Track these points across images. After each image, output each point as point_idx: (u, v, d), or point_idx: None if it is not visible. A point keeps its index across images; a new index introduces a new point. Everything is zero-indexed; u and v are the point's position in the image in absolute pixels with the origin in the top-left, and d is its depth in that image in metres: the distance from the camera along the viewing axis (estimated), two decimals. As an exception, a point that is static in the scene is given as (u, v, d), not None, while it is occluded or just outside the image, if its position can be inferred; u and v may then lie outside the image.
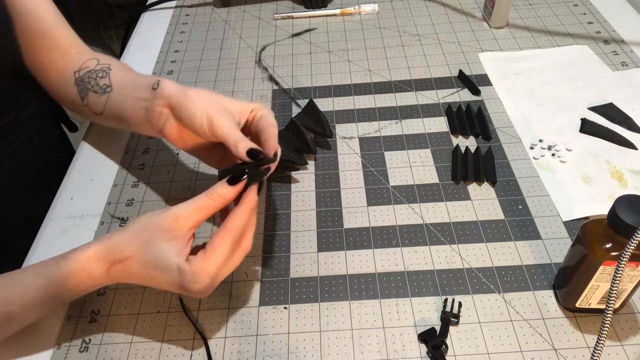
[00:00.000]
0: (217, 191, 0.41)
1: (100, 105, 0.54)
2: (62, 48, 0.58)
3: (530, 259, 0.49)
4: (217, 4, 0.88)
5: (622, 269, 0.34)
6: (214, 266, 0.39)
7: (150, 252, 0.39)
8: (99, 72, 0.55)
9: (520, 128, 0.61)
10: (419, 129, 0.62)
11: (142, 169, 0.61)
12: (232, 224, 0.40)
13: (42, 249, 0.53)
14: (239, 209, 0.41)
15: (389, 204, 0.54)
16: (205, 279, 0.39)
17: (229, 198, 0.41)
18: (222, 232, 0.40)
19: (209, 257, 0.39)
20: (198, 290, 0.39)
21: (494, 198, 0.54)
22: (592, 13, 0.78)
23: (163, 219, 0.39)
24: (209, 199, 0.40)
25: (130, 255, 0.40)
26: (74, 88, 0.56)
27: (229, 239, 0.40)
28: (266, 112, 0.47)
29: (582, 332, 0.43)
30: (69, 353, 0.45)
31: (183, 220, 0.39)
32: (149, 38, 0.82)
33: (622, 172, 0.55)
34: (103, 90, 0.53)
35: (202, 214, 0.40)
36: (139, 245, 0.40)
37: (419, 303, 0.46)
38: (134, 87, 0.51)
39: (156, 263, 0.39)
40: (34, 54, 0.58)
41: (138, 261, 0.39)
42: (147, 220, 0.40)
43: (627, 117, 0.60)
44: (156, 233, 0.39)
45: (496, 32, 0.76)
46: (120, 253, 0.40)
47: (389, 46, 0.76)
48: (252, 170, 0.42)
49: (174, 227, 0.39)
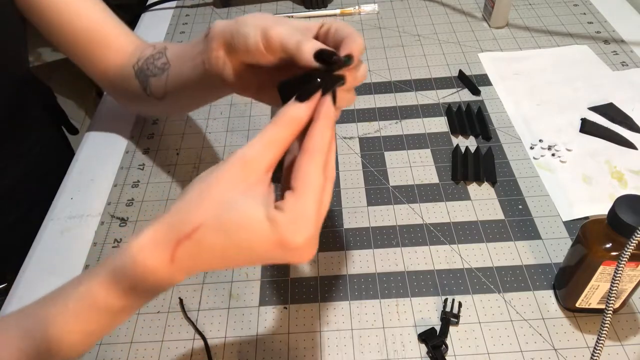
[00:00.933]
0: (288, 114, 0.31)
1: (161, 86, 0.50)
2: (117, 46, 0.56)
3: (530, 259, 0.49)
4: (217, 4, 0.88)
5: (622, 269, 0.34)
6: (313, 203, 0.30)
7: (225, 210, 0.29)
8: (156, 55, 0.52)
9: (520, 128, 0.61)
10: (419, 129, 0.62)
11: (142, 169, 0.61)
12: (315, 143, 0.31)
13: (42, 249, 0.53)
14: (317, 124, 0.32)
15: (389, 204, 0.54)
16: (309, 224, 0.30)
17: (304, 120, 0.32)
18: (306, 157, 0.31)
19: (304, 193, 0.30)
20: (303, 243, 0.30)
21: (494, 198, 0.54)
22: (592, 13, 0.78)
23: (229, 167, 0.31)
24: (278, 127, 0.31)
25: (200, 224, 0.29)
26: (135, 82, 0.53)
27: (318, 163, 0.31)
28: (342, 24, 0.38)
29: (582, 332, 0.43)
30: (69, 353, 0.45)
31: (255, 162, 0.31)
32: (149, 38, 0.82)
33: (622, 172, 0.55)
34: (162, 69, 0.50)
35: (276, 149, 0.31)
36: (208, 207, 0.30)
37: (419, 303, 0.46)
38: (189, 50, 0.46)
39: (238, 222, 0.29)
40: (89, 56, 0.56)
41: (213, 227, 0.29)
42: (207, 176, 0.31)
43: (627, 117, 0.60)
44: (225, 187, 0.30)
45: (496, 32, 0.76)
46: (185, 225, 0.29)
47: (389, 46, 0.76)
48: (325, 76, 0.33)
49: (246, 173, 0.30)
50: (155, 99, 0.53)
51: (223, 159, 0.32)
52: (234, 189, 0.30)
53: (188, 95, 0.50)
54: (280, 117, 0.32)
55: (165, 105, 0.53)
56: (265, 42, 0.36)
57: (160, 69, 0.50)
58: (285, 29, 0.36)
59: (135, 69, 0.54)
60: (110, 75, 0.57)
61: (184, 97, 0.51)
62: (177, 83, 0.49)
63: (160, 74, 0.50)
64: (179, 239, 0.29)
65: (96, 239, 0.54)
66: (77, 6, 0.54)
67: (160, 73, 0.50)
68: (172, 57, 0.50)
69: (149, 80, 0.52)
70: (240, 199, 0.30)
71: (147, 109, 0.59)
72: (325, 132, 0.32)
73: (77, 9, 0.54)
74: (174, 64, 0.49)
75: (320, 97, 0.33)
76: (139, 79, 0.53)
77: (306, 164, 0.31)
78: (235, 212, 0.29)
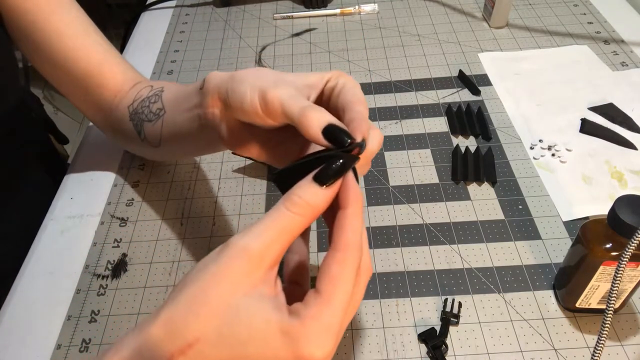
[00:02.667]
0: (304, 199, 0.26)
1: (156, 134, 0.47)
2: (113, 85, 0.52)
3: (530, 259, 0.49)
4: (217, 4, 0.88)
5: (622, 269, 0.34)
6: (340, 312, 0.25)
7: (228, 320, 0.25)
8: (152, 97, 0.48)
9: (520, 128, 0.61)
10: (419, 129, 0.62)
11: (142, 169, 0.61)
12: (348, 239, 0.26)
13: (42, 249, 0.53)
14: (348, 214, 0.27)
15: (389, 204, 0.54)
16: (332, 337, 0.25)
17: (322, 205, 0.27)
18: (339, 255, 0.26)
19: (332, 301, 0.25)
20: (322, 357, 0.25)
21: (494, 198, 0.54)
22: (592, 13, 0.78)
23: (230, 263, 0.25)
24: (292, 214, 0.26)
25: (196, 338, 0.24)
26: (129, 124, 0.50)
27: (352, 263, 0.26)
28: (349, 82, 0.34)
29: (582, 332, 0.43)
30: (69, 353, 0.45)
31: (261, 257, 0.25)
32: (148, 38, 0.82)
33: (622, 172, 0.55)
34: (157, 115, 0.46)
35: (286, 241, 0.26)
36: (207, 317, 0.25)
37: (419, 303, 0.46)
38: (185, 98, 0.43)
39: (246, 334, 0.24)
40: (82, 96, 0.53)
41: (213, 342, 0.24)
42: (202, 273, 0.25)
43: (627, 117, 0.60)
44: (226, 290, 0.25)
45: (496, 32, 0.76)
46: (178, 339, 0.24)
47: (389, 46, 0.76)
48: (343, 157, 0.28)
49: (249, 269, 0.25)
50: (150, 145, 0.49)
51: (220, 248, 0.26)
52: (236, 291, 0.25)
53: (183, 145, 0.46)
54: (294, 203, 0.26)
55: (162, 152, 0.50)
56: (264, 105, 0.32)
57: (155, 115, 0.47)
58: (285, 92, 0.31)
59: (130, 110, 0.50)
60: (104, 114, 0.55)
61: (179, 147, 0.47)
62: (172, 132, 0.45)
63: (155, 120, 0.47)
64: (170, 356, 0.24)
65: (96, 239, 0.54)
66: (76, 48, 0.51)
67: (155, 119, 0.47)
68: (168, 102, 0.46)
69: (143, 125, 0.49)
70: (246, 305, 0.25)
71: (142, 153, 0.56)
72: (358, 221, 0.27)
73: (76, 53, 0.51)
74: (170, 110, 0.46)
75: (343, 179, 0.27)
76: (133, 122, 0.50)
77: (339, 264, 0.26)
78: (241, 323, 0.24)
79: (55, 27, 0.50)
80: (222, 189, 0.58)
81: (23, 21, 0.49)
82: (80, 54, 0.51)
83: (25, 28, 0.50)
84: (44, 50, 0.50)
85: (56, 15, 0.50)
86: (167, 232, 0.54)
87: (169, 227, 0.54)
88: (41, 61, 0.52)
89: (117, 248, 0.53)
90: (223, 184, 0.58)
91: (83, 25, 0.52)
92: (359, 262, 0.26)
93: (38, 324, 0.47)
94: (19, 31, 0.50)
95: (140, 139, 0.50)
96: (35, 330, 0.47)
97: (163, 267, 0.51)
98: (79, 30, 0.52)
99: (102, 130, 0.58)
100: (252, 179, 0.58)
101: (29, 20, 0.49)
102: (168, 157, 0.54)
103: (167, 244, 0.53)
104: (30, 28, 0.49)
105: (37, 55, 0.52)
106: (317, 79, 0.34)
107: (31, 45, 0.51)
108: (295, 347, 0.24)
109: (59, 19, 0.50)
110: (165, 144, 0.47)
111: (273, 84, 0.32)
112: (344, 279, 0.25)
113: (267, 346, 0.24)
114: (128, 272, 0.50)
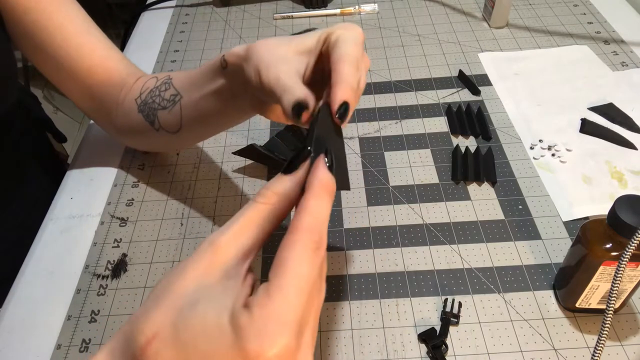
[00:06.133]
0: (269, 188, 0.27)
1: (175, 120, 0.47)
2: (119, 80, 0.52)
3: (530, 259, 0.49)
4: (217, 4, 0.88)
5: (622, 270, 0.34)
6: (293, 299, 0.22)
7: (183, 314, 0.23)
8: (161, 86, 0.48)
9: (520, 128, 0.61)
10: (419, 129, 0.62)
11: (142, 169, 0.61)
12: (302, 220, 0.25)
13: (42, 249, 0.53)
14: (306, 196, 0.26)
15: (389, 204, 0.54)
16: (284, 330, 0.22)
17: (287, 192, 0.27)
18: (289, 237, 0.24)
19: (280, 287, 0.23)
20: (275, 355, 0.21)
21: (494, 198, 0.54)
22: (592, 13, 0.78)
23: (197, 258, 0.25)
24: (257, 204, 0.26)
25: (154, 334, 0.23)
26: (138, 117, 0.50)
27: (304, 246, 0.24)
28: (342, 35, 0.33)
29: (582, 332, 0.43)
30: (68, 353, 0.45)
31: (226, 249, 0.25)
32: (148, 38, 0.82)
33: (622, 172, 0.55)
34: (172, 101, 0.46)
35: (254, 232, 0.26)
36: (166, 311, 0.23)
37: (419, 303, 0.46)
38: (203, 80, 0.44)
39: (196, 328, 0.23)
40: (89, 91, 0.53)
41: (168, 338, 0.23)
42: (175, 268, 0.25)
43: (627, 117, 0.60)
44: (189, 283, 0.24)
45: (496, 32, 0.76)
46: (138, 337, 0.23)
47: (389, 46, 0.76)
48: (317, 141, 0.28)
49: (213, 261, 0.25)
50: (169, 132, 0.49)
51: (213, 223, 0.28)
52: (198, 284, 0.24)
53: (208, 123, 0.47)
54: (260, 194, 0.27)
55: (180, 137, 0.50)
56: (258, 84, 0.34)
57: (170, 101, 0.47)
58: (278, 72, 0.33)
59: (138, 102, 0.50)
60: (108, 110, 0.54)
61: (202, 126, 0.47)
62: (194, 114, 0.46)
63: (171, 106, 0.47)
64: (134, 355, 0.23)
65: (96, 239, 0.54)
66: (80, 45, 0.51)
67: (170, 105, 0.47)
68: (182, 86, 0.47)
69: (157, 113, 0.49)
70: (206, 298, 0.23)
71: (156, 144, 0.56)
72: (318, 206, 0.26)
73: (80, 50, 0.51)
74: (187, 94, 0.46)
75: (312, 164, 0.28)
76: (143, 113, 0.50)
77: (289, 246, 0.24)
78: (196, 316, 0.23)
79: (58, 24, 0.50)
80: (222, 189, 0.58)
81: (25, 20, 0.49)
82: (84, 50, 0.51)
83: (27, 27, 0.49)
84: (46, 48, 0.50)
85: (58, 13, 0.50)
86: (167, 232, 0.54)
87: (169, 227, 0.54)
88: (43, 60, 0.52)
89: (117, 248, 0.53)
90: (223, 184, 0.58)
91: (85, 23, 0.52)
92: (316, 245, 0.24)
93: (38, 324, 0.47)
94: (20, 30, 0.50)
95: (154, 129, 0.50)
96: (35, 330, 0.47)
97: (163, 267, 0.51)
98: (82, 28, 0.52)
99: (105, 127, 0.58)
100: (252, 179, 0.58)
101: (30, 18, 0.49)
102: (186, 142, 0.54)
103: (167, 244, 0.53)
104: (32, 26, 0.49)
105: (39, 54, 0.51)
106: (313, 42, 0.36)
107: (33, 44, 0.50)
108: (241, 343, 0.21)
109: (62, 16, 0.50)
110: (186, 127, 0.48)
111: (267, 62, 0.34)
112: (296, 262, 0.23)
113: (216, 341, 0.22)
114: (128, 272, 0.50)
